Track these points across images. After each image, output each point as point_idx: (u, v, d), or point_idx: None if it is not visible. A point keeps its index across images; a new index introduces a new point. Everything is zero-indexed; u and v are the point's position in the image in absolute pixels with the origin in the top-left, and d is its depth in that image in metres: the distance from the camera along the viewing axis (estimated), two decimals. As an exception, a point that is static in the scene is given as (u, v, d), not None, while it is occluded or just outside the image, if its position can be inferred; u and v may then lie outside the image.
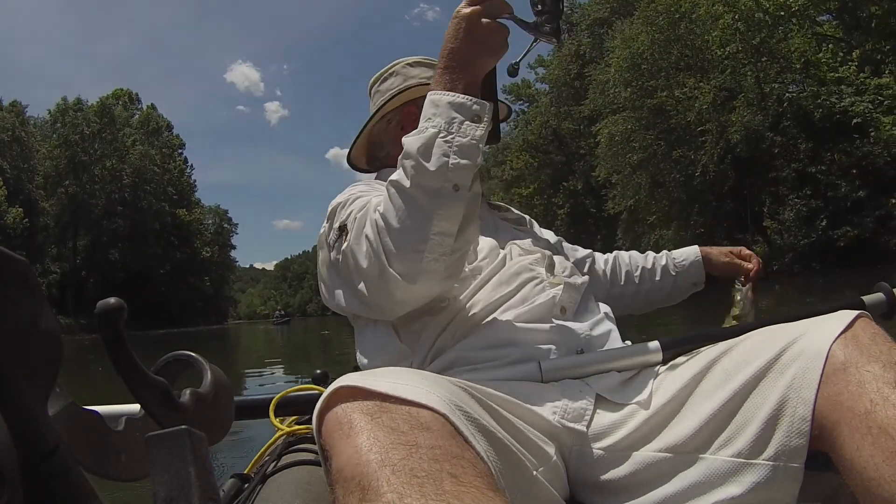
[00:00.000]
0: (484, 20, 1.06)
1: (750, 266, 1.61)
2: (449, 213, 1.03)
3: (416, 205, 1.03)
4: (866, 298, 1.37)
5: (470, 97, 1.05)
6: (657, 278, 1.72)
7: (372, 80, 1.61)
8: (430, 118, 1.06)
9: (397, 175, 1.06)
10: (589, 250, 1.77)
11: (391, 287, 1.09)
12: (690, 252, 1.72)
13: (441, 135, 1.03)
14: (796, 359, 0.85)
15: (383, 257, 1.07)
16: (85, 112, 57.66)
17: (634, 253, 1.80)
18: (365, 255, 1.12)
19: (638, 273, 1.73)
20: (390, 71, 1.57)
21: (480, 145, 1.04)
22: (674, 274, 1.71)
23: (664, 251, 1.78)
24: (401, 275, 1.07)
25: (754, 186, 25.79)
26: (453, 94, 1.06)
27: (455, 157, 1.02)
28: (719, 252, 1.68)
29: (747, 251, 1.65)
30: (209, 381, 0.62)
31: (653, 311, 1.81)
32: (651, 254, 1.78)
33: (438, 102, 1.06)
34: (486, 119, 1.05)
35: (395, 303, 1.15)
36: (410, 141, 1.05)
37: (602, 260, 1.76)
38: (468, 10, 1.07)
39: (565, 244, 1.69)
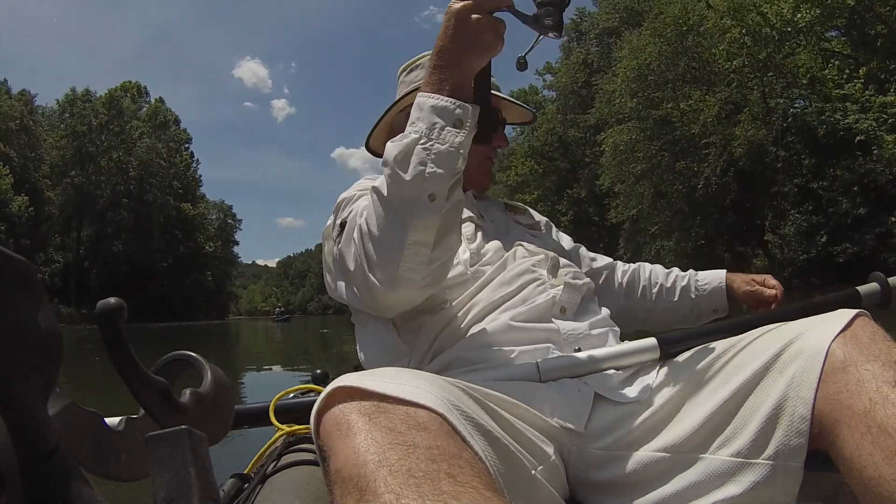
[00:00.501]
0: (474, 16, 0.99)
1: (772, 294, 1.55)
2: (424, 223, 1.00)
3: (393, 213, 1.02)
4: (861, 289, 1.36)
5: (453, 100, 1.00)
6: (675, 299, 1.69)
7: (401, 68, 1.60)
8: (413, 122, 1.03)
9: (378, 182, 1.05)
10: (609, 259, 1.75)
11: (374, 292, 1.10)
12: (715, 277, 1.67)
13: (421, 141, 0.99)
14: (796, 358, 0.85)
15: (365, 263, 1.08)
16: (93, 103, 57.73)
17: (657, 268, 1.75)
18: (352, 259, 1.13)
19: (655, 290, 1.70)
20: (417, 63, 1.56)
21: (461, 151, 1.00)
22: (693, 297, 1.67)
23: (690, 270, 1.73)
24: (380, 282, 1.07)
25: (756, 200, 25.78)
26: (437, 96, 1.01)
27: (432, 165, 0.98)
28: (742, 280, 1.62)
29: (772, 280, 1.58)
30: (209, 381, 0.62)
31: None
32: (675, 272, 1.73)
33: (423, 105, 1.02)
34: (468, 124, 1.01)
35: (381, 306, 1.16)
36: (391, 148, 1.03)
37: (621, 271, 1.73)
38: (458, 5, 1.00)
39: (584, 251, 1.68)
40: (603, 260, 1.74)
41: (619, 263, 1.75)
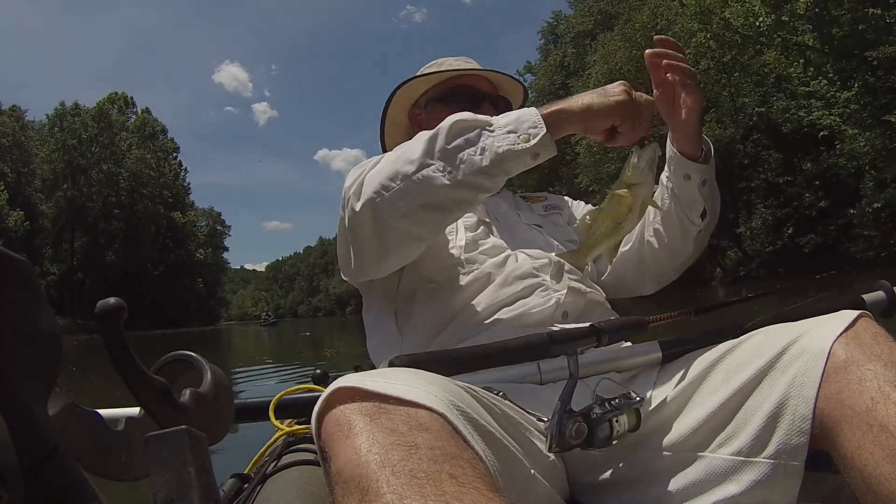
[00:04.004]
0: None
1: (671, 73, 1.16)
2: (429, 180, 1.05)
3: (413, 153, 1.07)
4: (867, 297, 1.32)
5: (544, 131, 1.04)
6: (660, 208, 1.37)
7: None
8: (507, 115, 1.07)
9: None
10: None
11: (356, 213, 1.12)
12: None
13: (488, 127, 1.06)
14: (798, 358, 0.82)
15: (363, 180, 1.13)
16: (82, 117, 57.24)
17: None
18: (352, 178, 1.18)
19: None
20: (435, 62, 1.60)
21: (501, 163, 1.04)
22: (666, 183, 1.36)
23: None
24: (366, 197, 1.10)
25: (727, 195, 26.08)
26: (540, 125, 1.04)
27: (470, 153, 1.04)
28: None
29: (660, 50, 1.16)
30: (209, 381, 0.60)
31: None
32: None
33: (526, 114, 1.06)
34: (521, 150, 1.03)
35: (356, 245, 1.17)
36: (464, 114, 1.08)
37: None
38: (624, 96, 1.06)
39: None
40: None
41: None
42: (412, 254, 1.18)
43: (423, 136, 1.09)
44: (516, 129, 1.04)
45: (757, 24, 22.99)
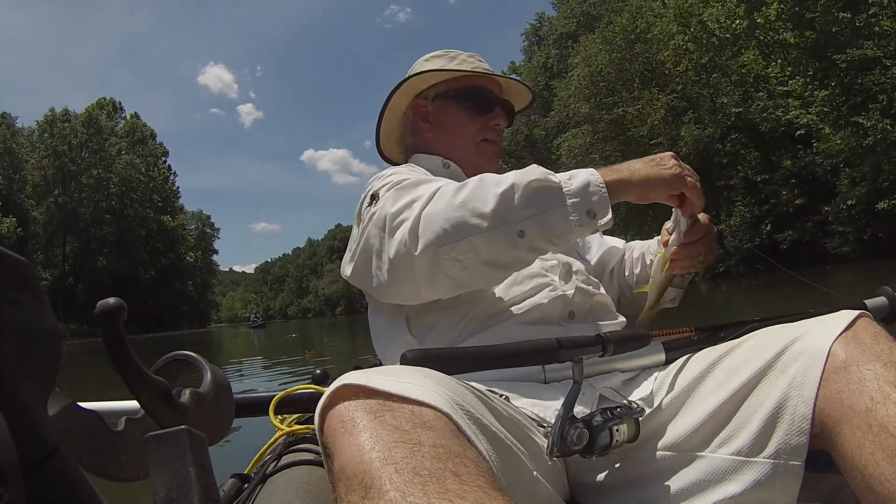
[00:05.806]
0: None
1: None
2: (493, 238, 1.02)
3: (484, 206, 1.03)
4: (868, 302, 1.31)
5: (609, 214, 1.05)
6: (637, 270, 1.50)
7: (427, 55, 1.57)
8: (571, 177, 1.07)
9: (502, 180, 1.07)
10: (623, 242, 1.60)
11: (400, 255, 1.08)
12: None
13: (565, 189, 1.05)
14: (797, 357, 0.82)
15: (419, 219, 1.07)
16: (72, 123, 56.75)
17: (636, 243, 1.58)
18: (402, 207, 1.12)
19: (629, 266, 1.53)
20: (437, 55, 1.52)
21: (570, 236, 1.06)
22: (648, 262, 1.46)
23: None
24: (419, 245, 1.05)
25: (707, 194, 26.27)
26: (600, 184, 1.06)
27: (542, 219, 1.03)
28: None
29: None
30: (209, 381, 0.59)
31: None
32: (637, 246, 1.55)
33: (594, 180, 1.07)
34: (597, 224, 1.04)
35: (394, 277, 1.12)
36: (535, 169, 1.09)
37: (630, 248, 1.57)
38: (675, 171, 1.11)
39: (601, 238, 1.58)
40: (619, 243, 1.59)
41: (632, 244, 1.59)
42: (451, 295, 1.15)
43: (491, 185, 1.06)
44: (584, 200, 1.05)
45: (733, 26, 23.21)
